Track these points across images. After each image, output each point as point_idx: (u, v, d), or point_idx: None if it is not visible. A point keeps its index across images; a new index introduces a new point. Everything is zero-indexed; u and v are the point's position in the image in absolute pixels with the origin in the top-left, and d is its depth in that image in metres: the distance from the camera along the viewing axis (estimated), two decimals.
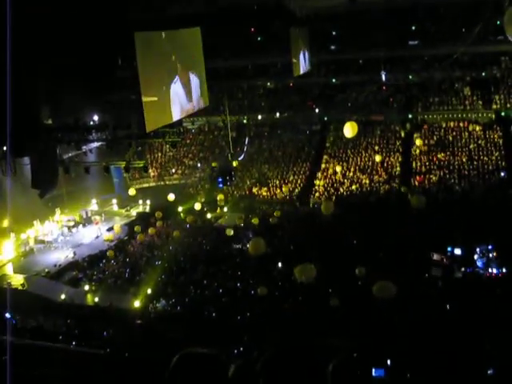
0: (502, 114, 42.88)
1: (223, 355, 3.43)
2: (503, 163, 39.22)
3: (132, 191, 39.77)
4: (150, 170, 46.61)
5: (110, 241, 37.58)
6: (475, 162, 39.83)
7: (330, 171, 42.83)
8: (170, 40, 20.74)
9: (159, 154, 48.77)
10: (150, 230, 36.06)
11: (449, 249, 28.02)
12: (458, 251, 27.98)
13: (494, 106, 43.48)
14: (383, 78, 47.70)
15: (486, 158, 39.97)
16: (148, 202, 44.39)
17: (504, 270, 26.09)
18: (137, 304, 26.70)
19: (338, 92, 48.41)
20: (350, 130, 24.48)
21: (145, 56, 17.87)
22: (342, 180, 41.56)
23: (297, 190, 41.81)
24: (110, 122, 27.42)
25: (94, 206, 44.96)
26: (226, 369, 3.48)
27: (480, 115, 43.46)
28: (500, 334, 17.56)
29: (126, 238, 38.07)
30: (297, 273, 18.11)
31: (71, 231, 39.99)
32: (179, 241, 34.41)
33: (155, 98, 19.33)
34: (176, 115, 21.50)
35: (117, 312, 25.80)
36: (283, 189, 41.11)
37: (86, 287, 29.75)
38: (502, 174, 38.06)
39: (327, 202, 22.63)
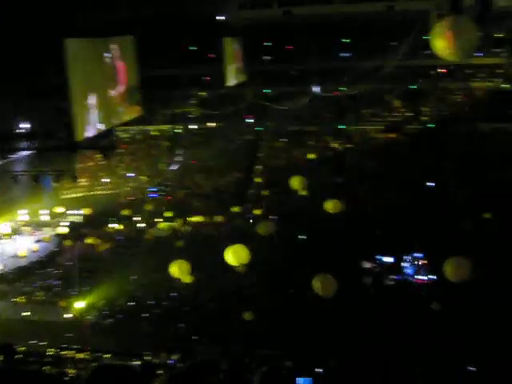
0: (429, 125, 44.04)
1: (137, 367, 3.44)
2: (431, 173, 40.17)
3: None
4: (81, 180, 45.64)
5: (35, 253, 36.55)
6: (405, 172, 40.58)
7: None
8: (102, 48, 20.49)
9: (91, 164, 47.82)
10: (91, 240, 34.93)
11: (378, 257, 28.55)
12: (387, 259, 28.54)
13: (423, 118, 44.62)
14: (316, 89, 48.44)
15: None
16: (80, 211, 43.43)
17: (432, 277, 26.73)
18: (67, 316, 26.14)
19: (271, 102, 48.75)
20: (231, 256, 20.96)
21: (75, 63, 17.56)
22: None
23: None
24: (39, 131, 26.81)
25: (23, 216, 43.68)
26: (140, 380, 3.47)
27: (409, 126, 44.50)
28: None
29: (56, 249, 37.19)
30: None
31: None
32: (111, 251, 33.92)
33: (86, 107, 19.01)
34: (107, 124, 21.20)
35: (46, 325, 25.17)
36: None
37: (15, 300, 28.92)
38: (430, 184, 38.90)
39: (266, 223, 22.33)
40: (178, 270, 19.82)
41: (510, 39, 42.02)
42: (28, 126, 33.03)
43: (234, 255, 19.80)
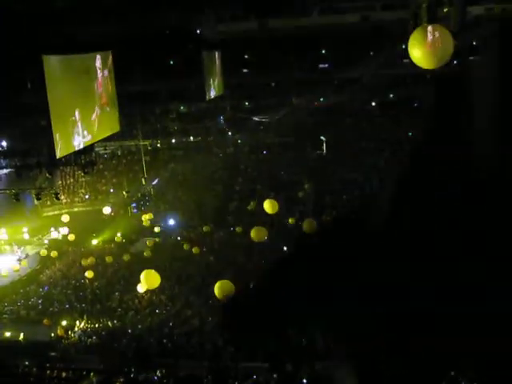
0: (410, 133, 44.48)
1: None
2: None
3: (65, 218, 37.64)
4: (62, 197, 45.38)
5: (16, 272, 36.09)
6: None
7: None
8: (80, 64, 20.48)
9: (71, 180, 47.64)
10: (83, 261, 34.15)
11: None
12: None
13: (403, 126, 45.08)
14: (295, 101, 48.68)
15: None
16: (61, 229, 43.07)
17: None
18: (52, 335, 25.87)
19: (250, 115, 48.88)
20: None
21: (54, 80, 17.53)
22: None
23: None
24: (19, 148, 26.68)
25: (3, 235, 43.26)
26: None
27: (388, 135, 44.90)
28: None
29: (38, 267, 36.84)
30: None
31: None
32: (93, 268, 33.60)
33: (65, 123, 18.96)
34: (87, 140, 21.16)
35: (30, 345, 24.85)
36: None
37: None
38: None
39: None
40: (146, 280, 19.62)
41: (481, 46, 42.63)
42: (8, 143, 32.83)
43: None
